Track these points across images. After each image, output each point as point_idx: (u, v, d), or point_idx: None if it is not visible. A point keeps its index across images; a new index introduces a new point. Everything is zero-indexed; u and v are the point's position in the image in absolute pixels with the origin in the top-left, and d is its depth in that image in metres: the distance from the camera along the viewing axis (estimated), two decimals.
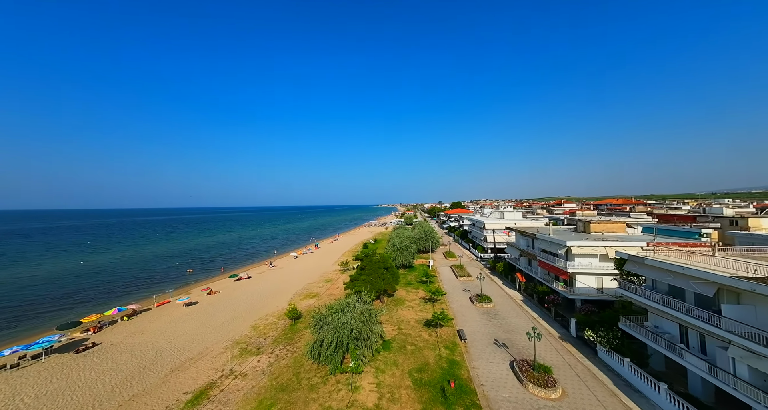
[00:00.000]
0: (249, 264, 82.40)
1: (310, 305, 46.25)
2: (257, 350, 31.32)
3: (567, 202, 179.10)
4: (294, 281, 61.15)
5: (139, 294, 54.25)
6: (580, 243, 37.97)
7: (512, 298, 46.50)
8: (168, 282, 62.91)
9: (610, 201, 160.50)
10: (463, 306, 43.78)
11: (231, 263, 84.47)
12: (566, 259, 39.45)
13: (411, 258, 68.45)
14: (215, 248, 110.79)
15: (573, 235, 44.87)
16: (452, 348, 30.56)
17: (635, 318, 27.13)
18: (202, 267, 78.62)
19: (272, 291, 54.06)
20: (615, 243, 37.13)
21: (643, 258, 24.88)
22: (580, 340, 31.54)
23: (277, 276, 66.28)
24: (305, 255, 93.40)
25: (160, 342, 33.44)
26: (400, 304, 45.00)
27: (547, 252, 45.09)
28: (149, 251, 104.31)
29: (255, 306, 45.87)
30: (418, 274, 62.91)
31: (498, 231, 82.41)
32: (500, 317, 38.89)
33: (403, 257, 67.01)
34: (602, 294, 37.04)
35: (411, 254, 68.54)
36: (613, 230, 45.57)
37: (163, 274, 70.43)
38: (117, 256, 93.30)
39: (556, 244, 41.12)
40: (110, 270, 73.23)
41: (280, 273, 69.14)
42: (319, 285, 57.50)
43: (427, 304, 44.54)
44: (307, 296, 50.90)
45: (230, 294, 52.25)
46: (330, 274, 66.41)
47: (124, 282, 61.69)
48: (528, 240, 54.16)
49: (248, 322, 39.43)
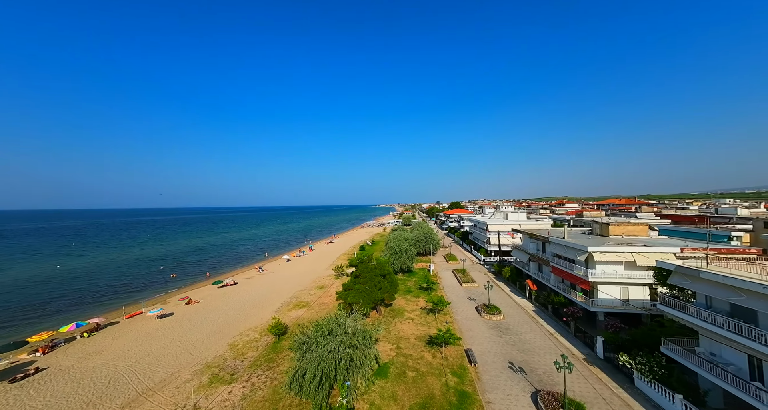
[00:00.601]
0: (238, 269, 77.42)
1: (299, 317, 41.51)
2: (231, 376, 26.54)
3: (568, 201, 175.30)
4: (283, 288, 56.32)
5: (111, 304, 49.23)
6: (604, 249, 33.49)
7: (523, 309, 41.97)
8: (147, 290, 57.88)
9: (613, 201, 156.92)
10: (469, 318, 39.19)
11: (219, 267, 79.48)
12: (586, 267, 35.00)
13: (410, 263, 63.84)
14: (204, 250, 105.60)
15: (591, 239, 40.42)
16: (461, 374, 25.95)
17: (681, 340, 22.68)
18: (188, 272, 73.57)
19: (258, 301, 49.22)
20: (643, 249, 32.69)
21: (697, 270, 20.39)
22: (608, 363, 27.03)
23: (266, 282, 61.40)
24: (298, 258, 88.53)
25: (118, 366, 28.55)
26: (399, 316, 40.36)
27: (561, 258, 40.64)
28: (134, 254, 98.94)
29: (237, 319, 41.03)
30: (418, 280, 58.29)
31: (502, 233, 77.98)
32: (512, 332, 34.33)
33: (402, 261, 62.38)
34: (628, 306, 32.60)
35: (410, 258, 63.93)
36: (634, 233, 41.18)
37: (143, 280, 65.31)
38: (98, 260, 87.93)
39: (574, 250, 36.63)
40: (86, 276, 67.99)
41: (269, 278, 64.26)
42: (311, 293, 52.73)
43: (429, 316, 39.92)
44: (296, 306, 46.13)
45: (211, 304, 47.35)
46: (323, 280, 61.63)
47: (98, 290, 56.50)
48: (538, 243, 49.73)
49: (226, 339, 34.60)
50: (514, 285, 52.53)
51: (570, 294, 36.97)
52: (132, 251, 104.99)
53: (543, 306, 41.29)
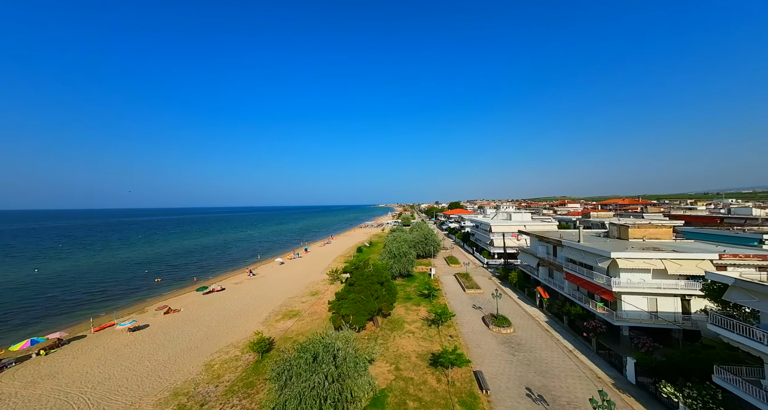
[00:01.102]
0: (227, 272, 73.28)
1: (287, 329, 37.52)
2: (200, 408, 22.54)
3: (570, 201, 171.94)
4: (274, 294, 52.30)
5: (84, 314, 45.01)
6: (629, 255, 29.67)
7: (534, 320, 38.12)
8: (126, 297, 53.67)
9: (616, 201, 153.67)
10: (475, 330, 35.31)
11: (208, 271, 75.29)
12: (608, 274, 31.20)
13: (410, 267, 59.94)
14: (195, 253, 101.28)
15: (610, 243, 36.58)
16: (471, 404, 22.06)
17: (737, 368, 18.87)
18: (174, 277, 69.38)
19: (245, 309, 45.18)
20: (674, 256, 28.90)
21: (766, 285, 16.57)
22: (642, 390, 23.22)
23: (256, 287, 57.32)
24: (293, 261, 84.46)
25: (70, 394, 24.48)
26: (398, 328, 36.45)
27: (577, 264, 36.86)
28: (120, 256, 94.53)
29: (218, 332, 36.98)
30: (418, 285, 54.41)
31: (507, 235, 74.21)
32: (526, 348, 30.47)
33: (401, 265, 58.48)
34: (657, 320, 28.80)
35: (410, 262, 60.02)
36: (657, 236, 37.42)
37: (124, 286, 61.05)
38: (81, 263, 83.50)
39: (593, 255, 32.80)
40: (64, 281, 63.65)
41: (259, 284, 60.18)
42: (303, 301, 48.74)
43: (431, 328, 36.01)
44: (286, 316, 42.13)
45: (193, 314, 43.25)
46: (317, 285, 57.62)
47: (71, 298, 52.15)
48: (548, 247, 45.94)
49: (202, 357, 30.58)
50: (523, 292, 48.69)
51: (588, 304, 33.16)
52: (119, 253, 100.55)
53: (557, 317, 37.46)
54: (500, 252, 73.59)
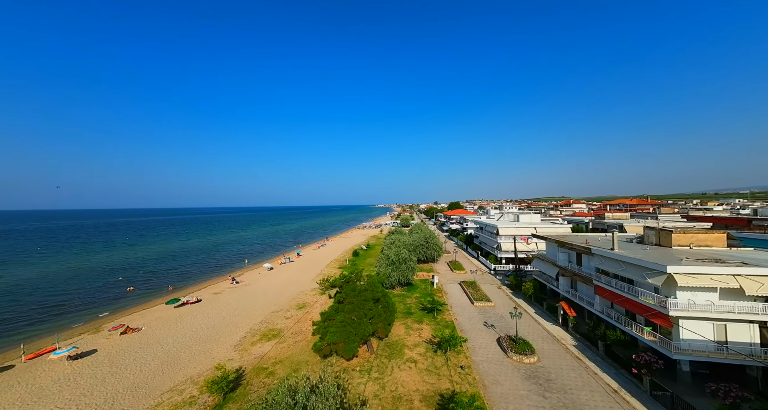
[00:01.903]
0: (209, 280, 66.67)
1: (264, 355, 31.09)
2: None
3: (575, 202, 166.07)
4: (255, 308, 45.83)
5: (26, 334, 38.40)
6: (692, 270, 23.38)
7: (560, 343, 31.83)
8: (85, 311, 47.00)
9: (623, 201, 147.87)
10: (491, 359, 28.97)
11: (189, 278, 68.69)
12: (658, 292, 24.97)
13: (410, 274, 53.54)
14: (180, 257, 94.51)
15: (654, 252, 30.32)
16: None
17: None
18: (149, 284, 62.80)
19: (218, 328, 38.70)
20: (751, 270, 22.65)
21: None
22: None
23: (236, 299, 50.81)
24: (283, 266, 77.94)
25: None
26: (396, 355, 30.08)
27: (610, 276, 30.66)
28: (98, 260, 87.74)
29: (178, 360, 30.49)
30: (419, 296, 48.12)
31: (516, 239, 67.99)
32: (558, 386, 24.14)
33: (400, 273, 52.12)
34: (728, 352, 22.55)
35: (410, 269, 53.62)
36: (707, 243, 31.21)
37: (89, 296, 54.38)
38: (51, 269, 76.69)
39: (638, 267, 26.54)
40: (22, 292, 56.74)
41: (241, 294, 53.65)
42: (287, 315, 42.29)
43: (437, 356, 29.65)
44: (265, 336, 35.67)
45: (154, 334, 36.70)
46: (305, 296, 51.17)
47: (20, 313, 45.34)
48: (570, 254, 39.69)
49: (148, 400, 24.08)
50: (540, 306, 42.37)
51: (631, 328, 26.89)
52: (97, 257, 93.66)
53: (587, 340, 31.16)
54: (509, 257, 67.35)
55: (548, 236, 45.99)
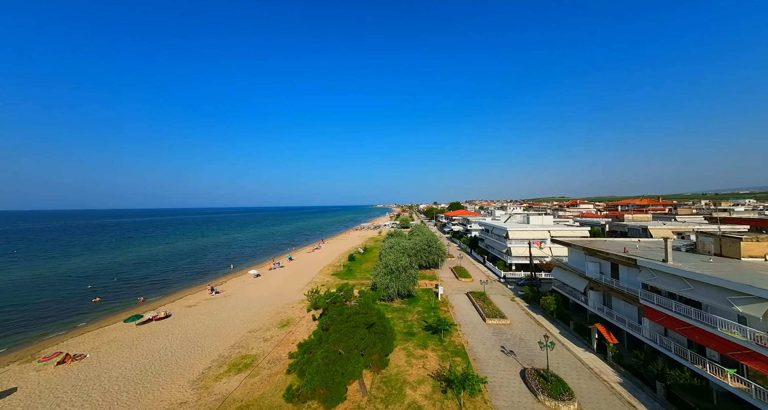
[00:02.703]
0: (186, 288, 60.02)
1: (227, 395, 24.54)
2: None
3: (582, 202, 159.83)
4: (230, 325, 39.26)
5: None
6: None
7: (600, 378, 25.37)
8: (30, 328, 40.38)
9: (633, 201, 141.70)
10: (519, 403, 22.49)
11: (166, 286, 62.05)
12: (750, 324, 18.55)
13: (411, 285, 47.04)
14: (162, 261, 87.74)
15: (726, 268, 23.86)
16: None
17: None
18: (119, 295, 56.15)
19: (180, 352, 32.15)
20: None
21: None
22: None
23: (212, 313, 44.21)
24: (271, 272, 71.37)
25: None
26: (395, 397, 23.61)
27: (664, 295, 24.26)
28: (71, 266, 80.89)
29: (115, 406, 23.85)
30: (422, 311, 41.68)
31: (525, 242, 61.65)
32: None
33: (400, 283, 45.65)
34: None
35: (411, 278, 47.10)
36: None
37: (46, 309, 47.69)
38: (17, 275, 69.77)
39: (717, 289, 20.08)
40: None
41: (218, 307, 47.04)
42: (266, 336, 35.76)
43: (447, 399, 23.16)
44: (234, 366, 29.13)
45: (99, 364, 30.03)
46: (291, 310, 44.63)
47: None
48: (603, 264, 33.34)
49: None
50: (565, 326, 35.84)
51: (703, 367, 20.46)
52: (72, 262, 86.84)
53: (636, 376, 24.69)
54: (520, 263, 61.04)
55: (573, 242, 39.52)
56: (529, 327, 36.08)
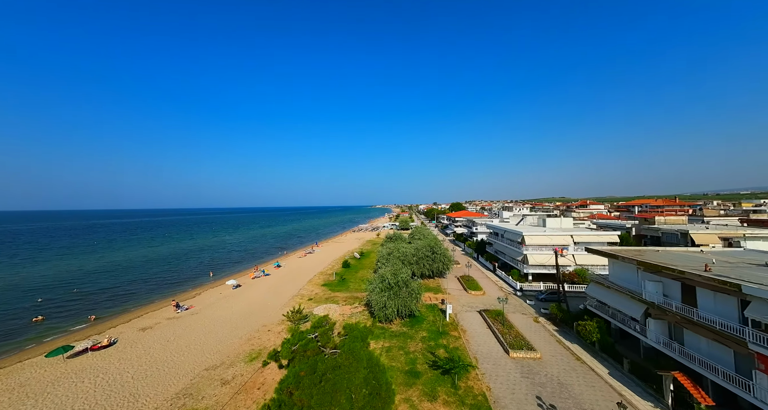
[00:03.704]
0: (150, 303, 51.58)
1: None
2: None
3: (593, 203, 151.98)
4: (184, 359, 30.96)
5: None
6: None
7: None
8: None
9: (647, 201, 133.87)
10: None
11: (127, 300, 53.66)
12: None
13: (414, 303, 38.75)
14: (137, 268, 79.22)
15: None
16: None
17: None
18: (70, 311, 47.80)
19: (105, 406, 23.80)
20: None
21: None
22: None
23: (166, 340, 35.84)
24: (254, 282, 63.12)
25: None
26: None
27: None
28: (30, 273, 72.21)
29: None
30: (427, 338, 33.51)
31: (544, 248, 53.63)
32: None
33: (399, 301, 37.43)
34: None
35: (413, 294, 38.81)
36: None
37: None
38: None
39: None
40: None
41: (178, 330, 38.69)
42: (225, 377, 27.47)
43: None
44: None
45: None
46: (266, 335, 36.37)
47: None
48: (665, 284, 25.22)
49: None
50: (615, 364, 27.49)
51: None
52: (34, 269, 78.06)
53: None
54: (538, 272, 53.00)
55: (620, 253, 31.32)
56: (567, 365, 27.90)
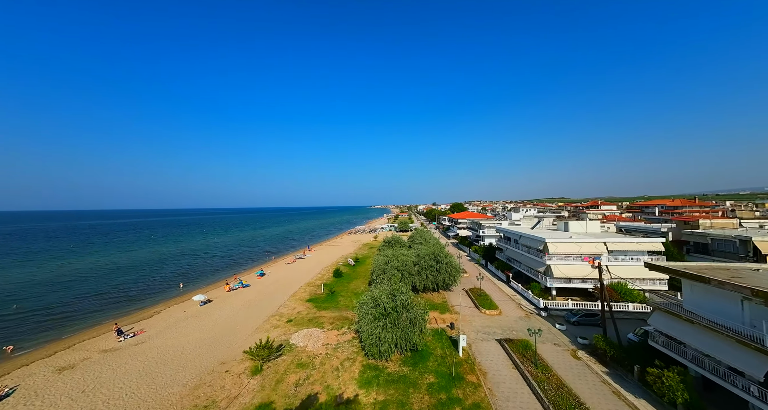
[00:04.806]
0: (93, 327, 42.36)
1: None
2: None
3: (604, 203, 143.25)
4: None
5: None
6: None
7: None
8: None
9: (663, 201, 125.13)
10: None
11: (70, 320, 44.48)
12: None
13: (417, 335, 29.63)
14: (101, 277, 69.74)
15: None
16: None
17: None
18: None
19: None
20: None
21: None
22: None
23: (81, 389, 26.67)
24: (229, 296, 54.07)
25: None
26: None
27: None
28: None
29: None
30: (436, 386, 24.51)
31: (571, 258, 44.83)
32: None
33: (399, 332, 28.42)
34: None
35: (416, 323, 29.69)
36: None
37: None
38: None
39: None
40: None
41: (108, 369, 29.56)
42: None
43: None
44: None
45: None
46: (221, 380, 27.22)
47: None
48: None
49: None
50: None
51: None
52: None
53: None
54: (564, 286, 44.21)
55: (704, 272, 22.36)
56: None
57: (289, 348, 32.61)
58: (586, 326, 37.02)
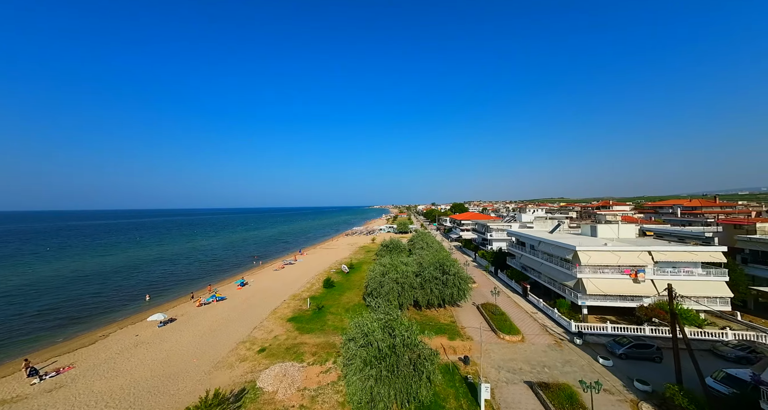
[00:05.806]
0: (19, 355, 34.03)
1: None
2: None
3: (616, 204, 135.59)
4: None
5: None
6: None
7: None
8: None
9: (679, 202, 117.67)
10: None
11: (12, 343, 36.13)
12: None
13: (424, 384, 21.51)
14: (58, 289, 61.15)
15: None
16: None
17: None
18: None
19: None
20: None
21: None
22: None
23: None
24: (200, 311, 45.86)
25: None
26: None
27: None
28: None
29: None
30: None
31: (608, 270, 36.98)
32: None
33: (400, 381, 20.31)
34: None
35: (420, 371, 21.56)
36: None
37: None
38: None
39: None
40: None
41: None
42: None
43: None
44: None
45: None
46: None
47: None
48: None
49: None
50: None
51: None
52: None
53: None
54: (601, 305, 36.29)
55: None
56: None
57: (253, 397, 24.48)
58: (636, 360, 29.12)
